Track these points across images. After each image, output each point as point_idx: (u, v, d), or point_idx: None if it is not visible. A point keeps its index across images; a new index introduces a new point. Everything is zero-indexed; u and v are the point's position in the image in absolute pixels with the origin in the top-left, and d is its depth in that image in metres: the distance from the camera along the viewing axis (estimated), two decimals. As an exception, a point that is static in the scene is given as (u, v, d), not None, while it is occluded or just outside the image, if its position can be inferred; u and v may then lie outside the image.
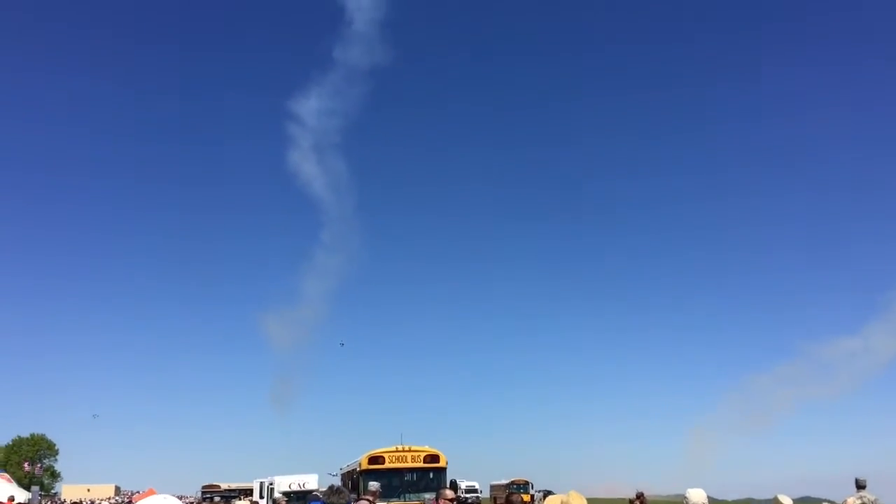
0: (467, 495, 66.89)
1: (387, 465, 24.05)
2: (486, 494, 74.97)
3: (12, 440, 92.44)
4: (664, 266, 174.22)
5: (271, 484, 41.23)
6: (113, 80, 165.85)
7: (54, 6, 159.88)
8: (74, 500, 74.01)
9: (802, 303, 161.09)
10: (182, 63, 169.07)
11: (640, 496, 19.85)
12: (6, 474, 55.15)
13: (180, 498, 52.73)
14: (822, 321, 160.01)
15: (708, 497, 13.22)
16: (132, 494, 73.81)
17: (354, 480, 25.13)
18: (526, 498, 70.56)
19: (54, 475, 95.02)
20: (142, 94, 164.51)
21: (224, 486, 64.65)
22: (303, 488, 37.73)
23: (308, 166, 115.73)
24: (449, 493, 10.54)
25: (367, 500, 12.38)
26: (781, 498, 11.97)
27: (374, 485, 15.11)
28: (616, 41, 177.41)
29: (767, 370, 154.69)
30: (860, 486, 14.04)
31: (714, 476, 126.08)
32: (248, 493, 53.03)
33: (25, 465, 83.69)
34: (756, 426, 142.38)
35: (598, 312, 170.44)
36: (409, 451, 24.37)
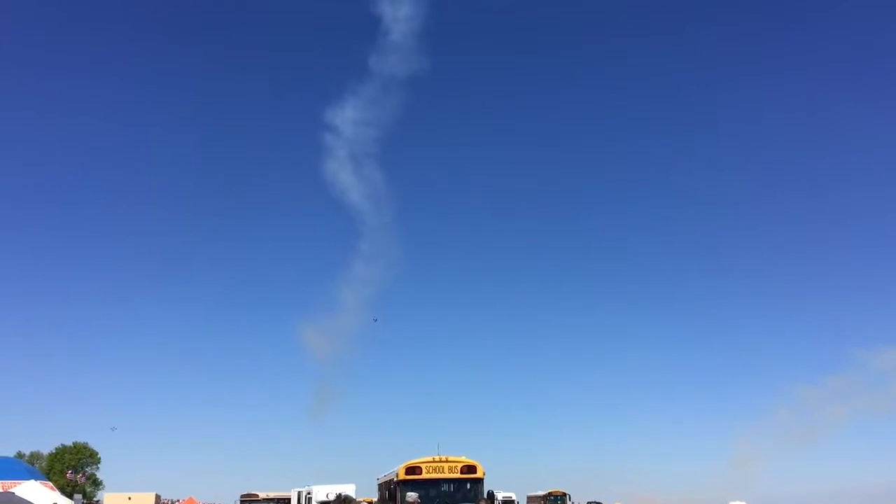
0: (504, 506, 66.52)
1: (424, 475, 23.97)
2: (523, 505, 74.47)
3: (56, 449, 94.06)
4: (706, 272, 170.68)
5: (309, 493, 41.44)
6: (146, 91, 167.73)
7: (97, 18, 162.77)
8: (116, 507, 74.92)
9: (856, 306, 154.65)
10: (216, 70, 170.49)
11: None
12: (50, 482, 56.10)
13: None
14: (878, 327, 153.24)
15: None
16: (172, 503, 74.53)
17: (392, 491, 25.12)
18: (563, 509, 70.02)
19: (96, 483, 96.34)
20: (174, 103, 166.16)
21: (262, 494, 65.09)
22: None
23: (345, 176, 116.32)
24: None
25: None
26: None
27: (411, 496, 15.11)
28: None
29: (816, 380, 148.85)
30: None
31: (755, 487, 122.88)
32: (286, 501, 53.35)
33: (68, 473, 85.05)
34: (803, 439, 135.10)
35: (639, 320, 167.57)
36: (447, 461, 24.29)
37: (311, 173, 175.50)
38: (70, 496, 57.40)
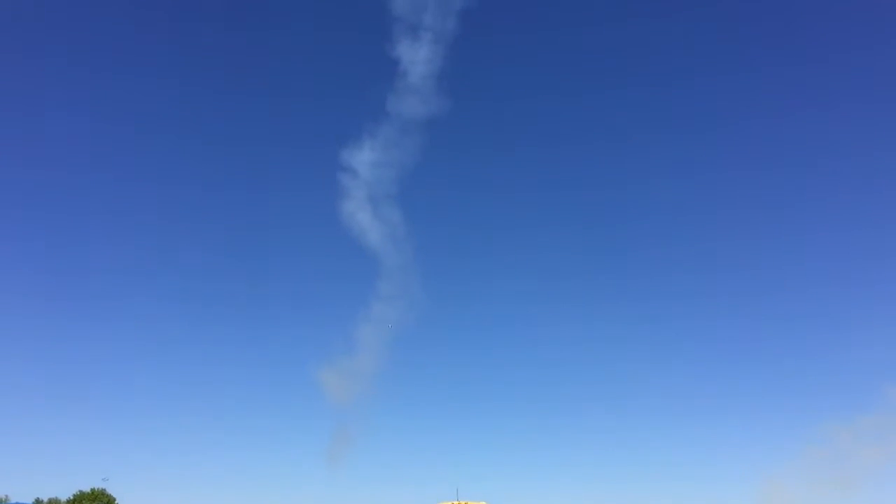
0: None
1: (445, 519, 25.24)
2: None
3: (73, 495, 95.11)
4: (735, 311, 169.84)
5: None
6: (161, 137, 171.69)
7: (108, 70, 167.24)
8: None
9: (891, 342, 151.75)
10: (233, 111, 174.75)
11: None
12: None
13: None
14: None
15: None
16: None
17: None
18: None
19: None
20: (191, 148, 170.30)
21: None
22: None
23: (363, 217, 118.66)
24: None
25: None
26: None
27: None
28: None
29: (849, 420, 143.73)
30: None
31: None
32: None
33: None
34: (836, 483, 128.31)
35: (663, 356, 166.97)
36: (466, 505, 25.52)
37: (329, 214, 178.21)
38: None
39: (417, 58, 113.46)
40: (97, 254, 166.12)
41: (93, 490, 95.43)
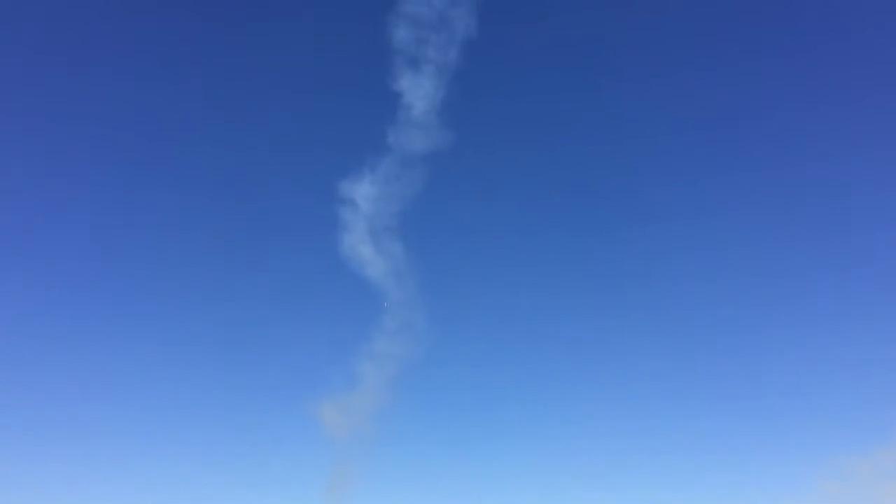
0: None
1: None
2: None
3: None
4: (741, 328, 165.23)
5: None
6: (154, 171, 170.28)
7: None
8: None
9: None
10: (230, 143, 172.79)
11: None
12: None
13: None
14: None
15: None
16: None
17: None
18: None
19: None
20: (185, 177, 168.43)
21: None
22: None
23: (364, 249, 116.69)
24: None
25: None
26: None
27: None
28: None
29: (866, 453, 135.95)
30: None
31: None
32: None
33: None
34: None
35: (666, 387, 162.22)
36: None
37: (328, 247, 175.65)
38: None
39: (419, 90, 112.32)
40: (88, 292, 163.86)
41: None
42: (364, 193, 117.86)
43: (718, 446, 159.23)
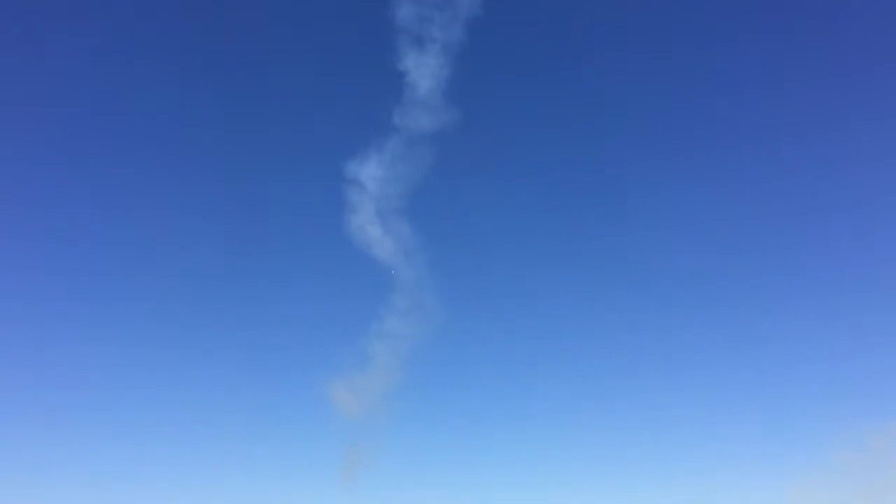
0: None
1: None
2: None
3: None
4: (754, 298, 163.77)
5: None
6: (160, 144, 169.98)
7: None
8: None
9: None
10: (235, 124, 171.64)
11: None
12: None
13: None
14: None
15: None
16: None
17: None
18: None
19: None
20: (193, 159, 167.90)
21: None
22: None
23: (372, 230, 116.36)
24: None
25: None
26: None
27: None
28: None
29: (881, 421, 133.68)
30: None
31: None
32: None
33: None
34: (868, 490, 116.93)
35: (677, 353, 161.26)
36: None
37: (335, 228, 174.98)
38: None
39: (424, 69, 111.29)
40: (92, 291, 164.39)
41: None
42: (371, 174, 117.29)
43: (733, 419, 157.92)
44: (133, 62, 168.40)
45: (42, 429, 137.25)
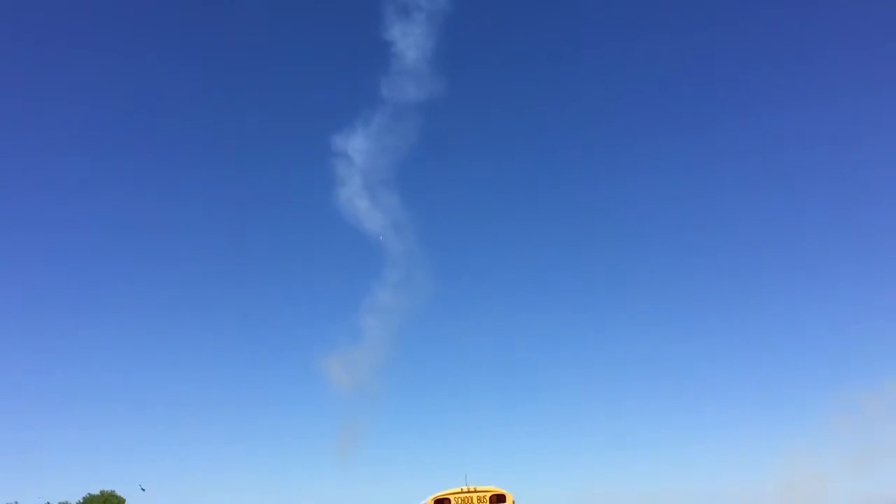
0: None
1: (453, 506, 23.98)
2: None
3: (83, 498, 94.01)
4: (749, 265, 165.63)
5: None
6: (149, 120, 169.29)
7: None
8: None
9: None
10: (219, 97, 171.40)
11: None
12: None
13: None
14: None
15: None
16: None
17: (421, 523, 25.09)
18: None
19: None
20: (179, 131, 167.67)
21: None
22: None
23: (360, 203, 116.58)
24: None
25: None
26: None
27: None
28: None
29: (874, 384, 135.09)
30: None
31: (785, 500, 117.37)
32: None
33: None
34: (863, 454, 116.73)
35: (667, 315, 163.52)
36: (475, 491, 24.25)
37: (322, 203, 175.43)
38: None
39: (410, 39, 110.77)
40: (89, 242, 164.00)
41: (102, 493, 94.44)
42: (358, 146, 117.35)
43: (728, 383, 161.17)
44: (118, 40, 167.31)
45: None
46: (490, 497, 24.36)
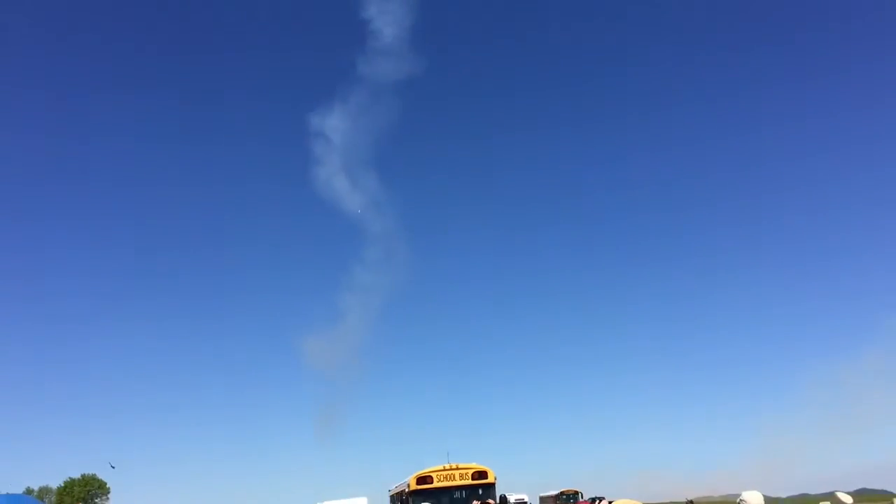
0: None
1: (435, 484, 23.97)
2: (535, 507, 74.20)
3: (64, 482, 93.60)
4: (720, 238, 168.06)
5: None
6: (124, 98, 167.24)
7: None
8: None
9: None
10: (194, 77, 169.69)
11: (690, 503, 19.70)
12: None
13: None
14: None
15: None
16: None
17: (404, 501, 25.09)
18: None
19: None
20: (154, 110, 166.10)
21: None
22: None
23: (338, 183, 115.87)
24: (491, 503, 10.61)
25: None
26: (841, 496, 11.39)
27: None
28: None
29: (851, 355, 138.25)
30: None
31: (761, 473, 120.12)
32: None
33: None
34: (842, 426, 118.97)
35: (649, 307, 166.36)
36: (457, 468, 24.27)
37: (300, 183, 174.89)
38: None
39: (388, 16, 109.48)
40: (59, 234, 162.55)
41: (83, 476, 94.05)
42: (335, 126, 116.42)
43: (705, 356, 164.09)
44: (95, 24, 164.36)
45: None
46: (472, 474, 24.38)
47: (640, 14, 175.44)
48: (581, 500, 68.77)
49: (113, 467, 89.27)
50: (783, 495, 78.06)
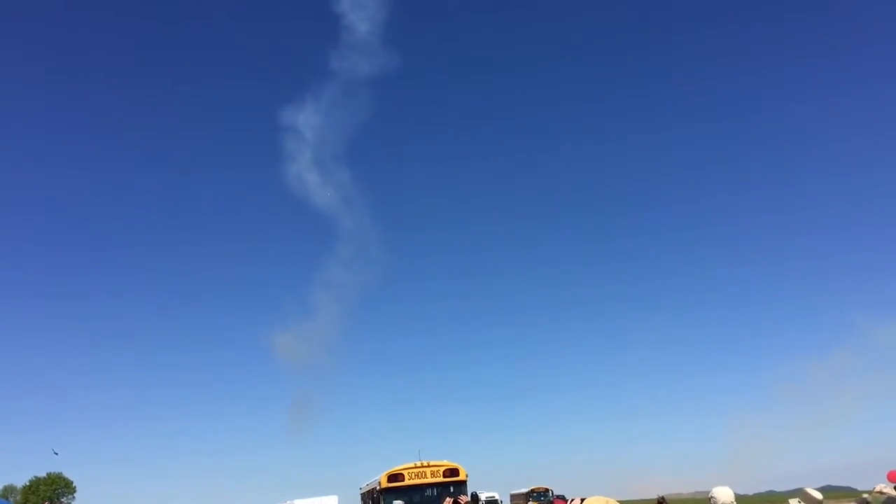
0: (487, 506, 66.24)
1: (406, 482, 23.97)
2: (506, 504, 74.46)
3: (30, 481, 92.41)
4: (699, 240, 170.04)
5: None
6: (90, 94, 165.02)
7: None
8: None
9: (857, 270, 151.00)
10: (162, 72, 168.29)
11: (661, 501, 19.90)
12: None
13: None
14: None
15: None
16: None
17: (375, 499, 25.05)
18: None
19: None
20: (122, 105, 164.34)
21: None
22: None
23: (310, 178, 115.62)
24: (463, 499, 10.62)
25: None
26: (811, 492, 11.42)
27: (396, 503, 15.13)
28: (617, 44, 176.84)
29: (818, 353, 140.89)
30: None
31: (730, 471, 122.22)
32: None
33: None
34: (812, 422, 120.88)
35: (619, 304, 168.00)
36: (429, 466, 24.29)
37: (272, 178, 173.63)
38: (47, 528, 56.44)
39: (361, 11, 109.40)
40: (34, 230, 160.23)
41: (49, 475, 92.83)
42: (307, 121, 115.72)
43: (676, 351, 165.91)
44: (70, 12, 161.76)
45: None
46: (443, 471, 24.41)
47: (618, 9, 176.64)
48: (552, 497, 69.12)
49: (56, 454, 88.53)
50: (749, 493, 78.93)
